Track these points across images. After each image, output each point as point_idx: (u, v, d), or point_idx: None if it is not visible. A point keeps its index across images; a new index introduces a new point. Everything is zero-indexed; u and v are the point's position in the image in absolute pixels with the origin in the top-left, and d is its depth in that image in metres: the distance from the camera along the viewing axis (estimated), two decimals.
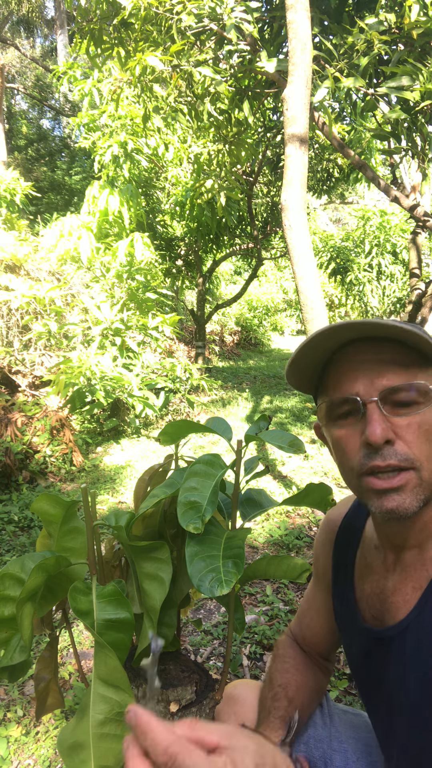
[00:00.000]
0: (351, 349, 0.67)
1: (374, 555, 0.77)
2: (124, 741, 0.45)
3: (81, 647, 2.18)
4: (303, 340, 0.67)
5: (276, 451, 4.80)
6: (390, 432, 0.62)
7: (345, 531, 0.86)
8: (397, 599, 0.70)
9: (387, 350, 0.64)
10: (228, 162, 5.23)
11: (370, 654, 0.74)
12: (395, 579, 0.71)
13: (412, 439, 0.63)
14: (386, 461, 0.62)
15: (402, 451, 0.62)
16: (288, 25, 3.02)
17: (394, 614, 0.69)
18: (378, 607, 0.73)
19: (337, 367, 0.68)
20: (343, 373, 0.67)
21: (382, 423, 0.62)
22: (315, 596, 0.95)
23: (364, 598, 0.77)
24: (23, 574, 0.90)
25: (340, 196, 13.51)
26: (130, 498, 3.93)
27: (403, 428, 0.63)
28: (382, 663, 0.70)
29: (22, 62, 18.15)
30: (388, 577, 0.73)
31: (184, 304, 10.24)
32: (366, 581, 0.78)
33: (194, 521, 0.88)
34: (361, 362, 0.66)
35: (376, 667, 0.72)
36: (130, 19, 3.66)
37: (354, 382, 0.65)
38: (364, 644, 0.75)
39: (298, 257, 2.88)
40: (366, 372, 0.65)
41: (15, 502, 3.67)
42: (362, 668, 0.77)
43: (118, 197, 6.44)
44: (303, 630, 0.97)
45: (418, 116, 3.32)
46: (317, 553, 0.93)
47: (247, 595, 2.48)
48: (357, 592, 0.80)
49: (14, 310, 5.32)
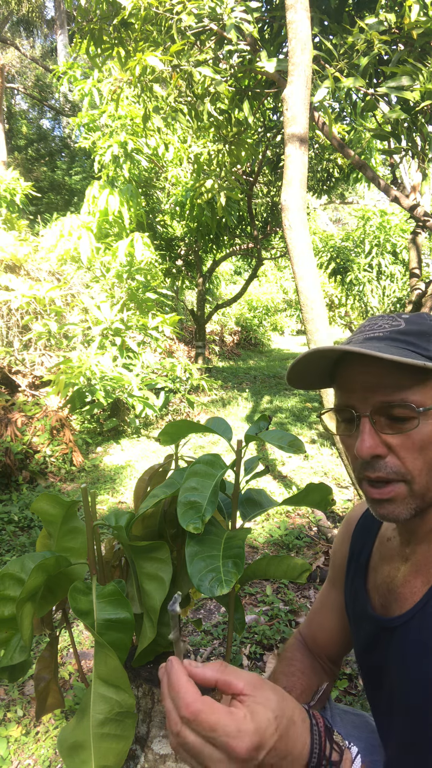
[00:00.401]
0: (355, 361, 0.69)
1: (388, 547, 0.79)
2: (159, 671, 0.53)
3: (81, 647, 2.18)
4: (292, 362, 0.70)
5: (276, 451, 4.80)
6: (380, 447, 0.65)
7: (362, 527, 0.89)
8: (405, 591, 0.71)
9: (383, 365, 0.65)
10: (228, 162, 5.23)
11: (376, 642, 0.75)
12: (406, 571, 0.73)
13: (404, 454, 0.64)
14: (376, 473, 0.65)
15: (393, 465, 0.65)
16: (288, 25, 3.01)
17: (402, 604, 0.71)
18: (387, 596, 0.75)
19: (341, 373, 0.70)
20: (343, 384, 0.70)
21: (369, 439, 0.64)
22: (329, 595, 0.96)
23: (375, 587, 0.79)
24: (23, 574, 0.90)
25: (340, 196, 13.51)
26: (130, 498, 3.93)
27: (394, 444, 0.64)
28: (386, 651, 0.71)
29: (22, 62, 18.15)
30: (399, 568, 0.74)
31: (184, 304, 10.24)
32: (379, 572, 0.79)
33: (194, 521, 0.88)
34: (357, 374, 0.67)
35: (380, 655, 0.73)
36: (130, 19, 3.66)
37: (351, 394, 0.68)
38: (371, 632, 0.76)
39: (298, 257, 2.88)
40: (361, 386, 0.67)
41: (15, 502, 3.67)
42: (367, 655, 0.78)
43: (118, 197, 6.43)
44: (314, 630, 0.97)
45: (418, 116, 3.32)
46: (335, 550, 0.95)
47: (247, 595, 2.48)
48: (369, 582, 0.81)
49: (14, 310, 5.32)
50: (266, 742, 0.47)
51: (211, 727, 0.46)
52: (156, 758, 0.93)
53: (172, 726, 0.48)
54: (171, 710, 0.49)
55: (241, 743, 0.46)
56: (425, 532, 0.70)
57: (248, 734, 0.46)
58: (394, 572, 0.75)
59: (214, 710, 0.46)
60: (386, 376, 0.65)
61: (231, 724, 0.46)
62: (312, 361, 0.70)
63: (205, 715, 0.45)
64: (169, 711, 0.49)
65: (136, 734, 0.95)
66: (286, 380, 0.77)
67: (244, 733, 0.46)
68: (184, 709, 0.46)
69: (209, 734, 0.46)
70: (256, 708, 0.48)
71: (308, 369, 0.72)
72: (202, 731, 0.46)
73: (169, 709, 0.49)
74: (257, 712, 0.47)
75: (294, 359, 0.71)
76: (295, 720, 0.51)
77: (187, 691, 0.47)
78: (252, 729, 0.46)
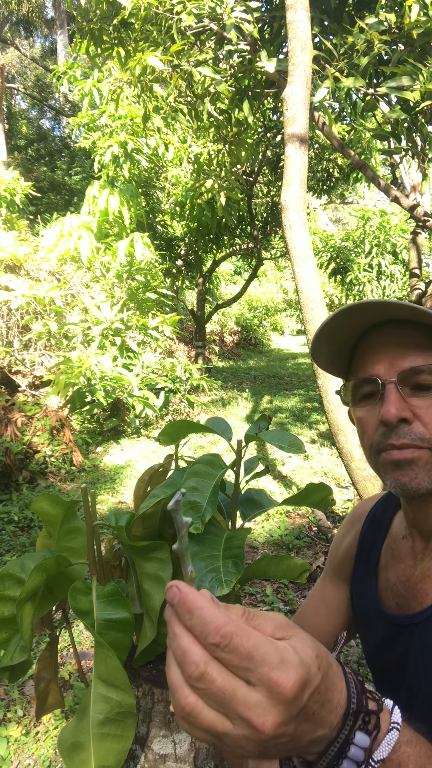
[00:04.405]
0: (376, 332, 0.70)
1: (401, 545, 0.79)
2: (165, 613, 0.40)
3: (81, 647, 2.18)
4: (327, 317, 0.70)
5: (276, 451, 4.80)
6: (406, 411, 0.65)
7: (371, 524, 0.88)
8: (426, 586, 0.70)
9: (408, 333, 0.67)
10: (228, 162, 5.23)
11: (392, 641, 0.74)
12: (424, 566, 0.72)
13: (429, 420, 0.65)
14: (400, 440, 0.65)
15: (418, 431, 0.65)
16: (288, 25, 3.01)
17: (422, 600, 0.70)
18: (404, 594, 0.74)
19: (361, 351, 0.72)
20: (367, 356, 0.70)
21: (397, 402, 0.65)
22: (324, 589, 0.94)
23: (388, 587, 0.78)
24: (23, 574, 0.90)
25: (340, 196, 13.50)
26: (130, 498, 3.93)
27: (421, 409, 0.65)
28: (406, 649, 0.70)
29: (22, 62, 18.16)
30: (416, 565, 0.74)
31: (184, 304, 10.24)
32: (391, 571, 0.79)
33: (194, 521, 0.88)
34: (382, 344, 0.69)
35: (398, 654, 0.72)
36: (130, 19, 3.66)
37: (375, 364, 0.69)
38: (386, 632, 0.75)
39: (298, 257, 2.88)
40: (387, 354, 0.68)
41: (15, 502, 3.67)
42: (382, 656, 0.77)
43: (118, 197, 6.44)
44: (303, 625, 0.96)
45: (418, 116, 3.32)
46: (337, 544, 0.94)
47: (247, 595, 2.48)
48: (380, 582, 0.80)
49: (14, 310, 5.32)
50: (312, 679, 0.38)
51: (248, 654, 0.36)
52: (156, 758, 0.93)
53: (191, 669, 0.36)
54: (190, 645, 0.37)
55: (286, 676, 0.36)
56: None
57: (293, 666, 0.37)
58: (409, 570, 0.75)
59: (250, 634, 0.37)
60: (413, 340, 0.67)
61: (273, 652, 0.37)
62: (341, 325, 0.70)
63: (239, 638, 0.36)
64: (188, 648, 0.37)
65: (136, 734, 0.95)
66: (311, 354, 0.77)
67: (289, 664, 0.37)
68: (214, 634, 0.35)
69: (245, 664, 0.36)
70: (294, 643, 0.39)
71: (336, 335, 0.72)
72: (236, 660, 0.36)
73: (186, 645, 0.37)
74: (298, 647, 0.39)
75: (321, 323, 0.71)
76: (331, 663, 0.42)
77: (215, 614, 0.36)
78: (297, 661, 0.37)
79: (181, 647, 0.37)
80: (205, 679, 0.36)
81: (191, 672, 0.36)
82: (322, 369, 0.80)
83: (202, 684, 0.36)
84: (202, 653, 0.36)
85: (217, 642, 0.36)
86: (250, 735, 0.36)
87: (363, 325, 0.71)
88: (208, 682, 0.36)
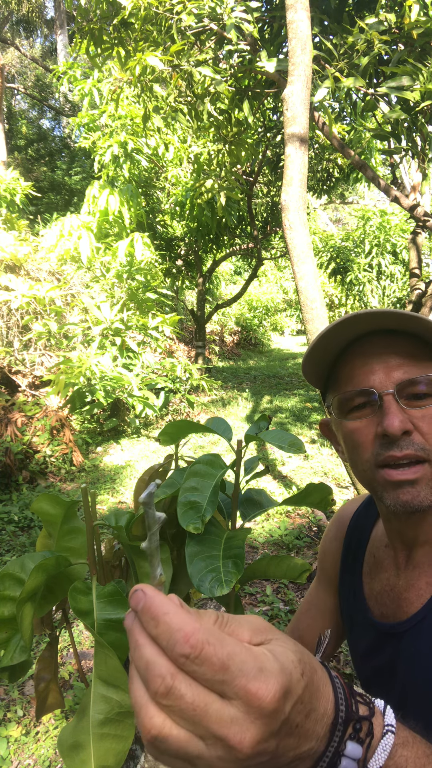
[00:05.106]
0: (365, 342, 0.68)
1: (384, 553, 0.78)
2: (125, 620, 0.35)
3: (81, 647, 2.18)
4: (324, 329, 0.68)
5: (276, 451, 4.80)
6: (408, 423, 0.63)
7: (354, 530, 0.87)
8: (411, 595, 0.70)
9: (401, 343, 0.66)
10: (228, 162, 5.23)
11: (380, 649, 0.74)
12: (407, 576, 0.72)
13: (427, 431, 0.64)
14: (403, 452, 0.63)
15: (419, 442, 0.63)
16: (288, 25, 3.02)
17: (407, 609, 0.70)
18: (389, 604, 0.73)
19: (349, 361, 0.69)
20: (358, 366, 0.68)
21: (399, 414, 0.63)
22: (317, 595, 0.94)
23: (373, 596, 0.77)
24: (23, 574, 0.90)
25: (340, 196, 13.51)
26: (130, 498, 3.93)
27: (418, 420, 0.64)
28: (393, 657, 0.70)
29: (22, 62, 18.17)
30: (400, 575, 0.73)
31: (184, 304, 10.24)
32: (375, 579, 0.78)
33: (194, 521, 0.88)
34: (375, 355, 0.67)
35: (386, 662, 0.72)
36: (130, 19, 3.66)
37: (369, 375, 0.66)
38: (374, 640, 0.75)
39: (298, 257, 2.88)
40: (380, 364, 0.66)
41: (15, 502, 3.67)
42: (370, 664, 0.76)
43: (118, 197, 6.44)
44: (302, 633, 0.96)
45: (418, 116, 3.32)
46: (324, 549, 0.93)
47: (247, 595, 2.48)
48: (366, 590, 0.80)
49: (14, 310, 5.32)
50: (294, 688, 0.34)
51: (223, 665, 0.31)
52: None
53: (157, 683, 0.31)
54: (155, 656, 0.32)
55: (265, 686, 0.32)
56: (426, 529, 0.69)
57: (273, 675, 0.32)
58: (393, 579, 0.74)
59: (224, 642, 0.32)
60: (406, 350, 0.65)
61: (250, 660, 0.32)
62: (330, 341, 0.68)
63: (212, 648, 0.31)
64: (152, 659, 0.32)
65: (136, 734, 0.95)
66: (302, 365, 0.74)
67: (268, 673, 0.32)
68: (183, 644, 0.31)
69: (219, 676, 0.31)
70: (274, 647, 0.35)
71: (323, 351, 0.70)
72: (210, 673, 0.31)
73: (150, 657, 0.32)
74: (278, 651, 0.35)
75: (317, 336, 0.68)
76: (315, 667, 0.38)
77: (184, 620, 0.32)
78: (277, 668, 0.33)
79: (144, 659, 0.32)
80: (172, 695, 0.31)
81: (156, 687, 0.31)
82: (313, 385, 0.77)
83: (169, 700, 0.31)
84: (169, 665, 0.32)
85: (186, 653, 0.31)
86: (227, 756, 0.31)
87: (349, 337, 0.69)
88: (176, 697, 0.31)
